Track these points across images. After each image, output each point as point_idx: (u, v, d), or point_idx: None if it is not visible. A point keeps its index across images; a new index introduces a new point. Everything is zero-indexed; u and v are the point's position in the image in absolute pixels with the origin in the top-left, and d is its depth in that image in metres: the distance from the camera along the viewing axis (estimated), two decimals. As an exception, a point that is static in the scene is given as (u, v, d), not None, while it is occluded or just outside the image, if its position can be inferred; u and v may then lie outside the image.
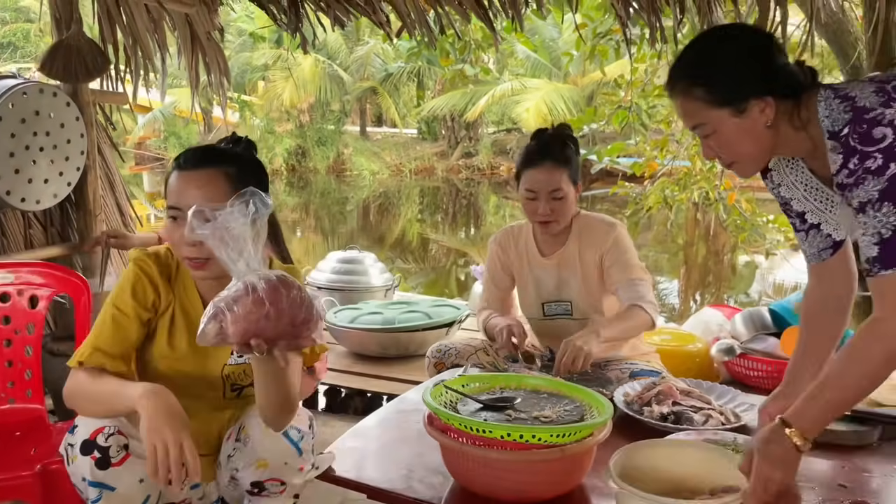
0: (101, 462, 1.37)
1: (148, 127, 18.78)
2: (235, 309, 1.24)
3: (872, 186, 1.26)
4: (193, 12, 3.19)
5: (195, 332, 1.55)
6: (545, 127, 2.35)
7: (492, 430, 1.42)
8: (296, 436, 1.49)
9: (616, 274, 2.23)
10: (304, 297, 1.31)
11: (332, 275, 3.85)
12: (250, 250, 1.28)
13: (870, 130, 1.27)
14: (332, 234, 12.19)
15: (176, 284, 1.58)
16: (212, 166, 1.48)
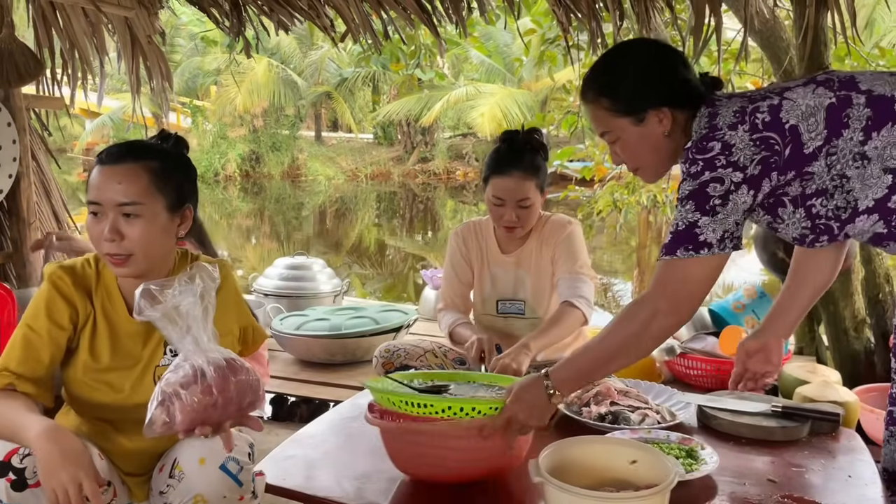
0: (17, 484, 1.32)
1: (97, 132, 18.37)
2: (184, 397, 1.25)
3: (687, 186, 1.41)
4: (133, 16, 3.12)
5: (119, 339, 1.53)
6: (516, 130, 2.33)
7: (432, 404, 1.45)
8: (234, 468, 1.44)
9: (562, 265, 2.27)
10: (250, 381, 1.33)
11: (280, 281, 3.81)
12: (199, 327, 1.29)
13: (706, 144, 1.40)
14: (288, 241, 12.06)
15: (97, 293, 1.54)
16: (133, 161, 1.46)
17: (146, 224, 1.45)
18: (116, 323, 1.53)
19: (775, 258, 2.60)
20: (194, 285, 1.28)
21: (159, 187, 1.47)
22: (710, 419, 1.81)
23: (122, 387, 1.53)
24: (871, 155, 1.40)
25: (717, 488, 1.50)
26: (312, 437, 1.79)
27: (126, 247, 1.44)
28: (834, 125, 1.40)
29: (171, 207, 1.50)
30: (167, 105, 3.47)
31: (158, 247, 1.50)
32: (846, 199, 1.43)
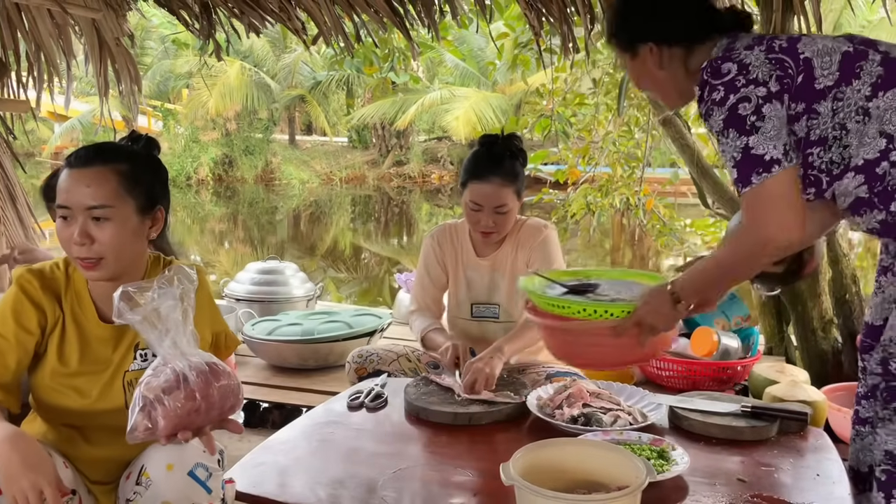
0: None
1: (66, 136, 18.09)
2: (166, 402, 1.23)
3: (718, 116, 1.43)
4: (100, 18, 3.08)
5: (88, 343, 1.51)
6: (495, 134, 2.33)
7: (570, 306, 1.66)
8: (203, 475, 1.42)
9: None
10: (232, 385, 1.33)
11: (252, 286, 3.78)
12: (180, 331, 1.28)
13: (720, 65, 1.44)
14: (262, 245, 11.97)
15: (66, 297, 1.51)
16: (102, 164, 1.44)
17: (116, 227, 1.44)
18: (86, 327, 1.51)
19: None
20: (173, 287, 1.26)
21: (129, 190, 1.45)
22: (681, 420, 1.82)
23: (90, 392, 1.51)
24: (872, 112, 1.41)
25: (687, 489, 1.51)
26: (284, 444, 1.77)
27: (96, 250, 1.42)
28: (846, 71, 1.43)
29: (142, 209, 1.48)
30: (136, 108, 3.43)
31: (129, 250, 1.48)
32: (841, 155, 1.45)
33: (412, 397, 1.95)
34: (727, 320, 2.81)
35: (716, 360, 2.62)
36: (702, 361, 2.62)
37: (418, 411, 1.91)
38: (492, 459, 1.64)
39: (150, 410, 1.24)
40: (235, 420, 1.38)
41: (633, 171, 5.53)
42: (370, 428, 1.88)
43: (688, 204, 8.01)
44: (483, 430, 1.84)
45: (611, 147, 5.54)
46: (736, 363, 2.61)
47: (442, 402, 1.93)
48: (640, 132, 5.30)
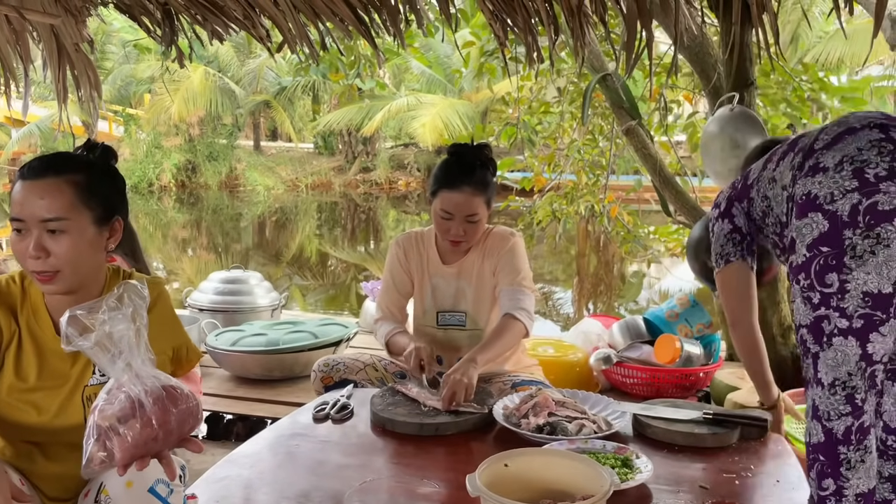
0: None
1: (23, 142, 17.69)
2: (122, 432, 1.20)
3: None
4: (59, 23, 3.02)
5: (45, 358, 1.48)
6: (465, 143, 2.33)
7: None
8: (164, 491, 1.39)
9: (503, 277, 2.27)
10: (190, 408, 1.29)
11: (215, 296, 3.73)
12: (133, 353, 1.24)
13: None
14: (226, 252, 11.83)
15: (23, 312, 1.48)
16: (57, 175, 1.41)
17: (72, 239, 1.41)
18: (43, 342, 1.48)
19: (705, 267, 2.67)
20: (123, 307, 1.23)
21: (84, 201, 1.42)
22: (645, 428, 1.84)
23: (48, 407, 1.47)
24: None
25: (651, 497, 1.53)
26: (249, 457, 1.75)
27: (52, 263, 1.39)
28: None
29: (99, 221, 1.45)
30: (96, 114, 3.37)
31: (87, 262, 1.45)
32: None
33: (378, 408, 1.95)
34: (690, 328, 2.86)
35: (679, 367, 2.66)
36: (665, 368, 2.66)
37: (384, 422, 1.90)
38: (459, 470, 1.64)
39: (104, 441, 1.20)
40: (195, 440, 1.35)
41: (598, 178, 5.60)
42: (336, 440, 1.87)
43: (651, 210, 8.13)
44: (450, 441, 1.84)
45: (576, 155, 5.59)
46: (698, 370, 2.65)
47: (408, 413, 1.93)
48: (605, 140, 5.37)
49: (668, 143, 4.34)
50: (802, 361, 1.58)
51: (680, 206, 3.25)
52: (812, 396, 1.52)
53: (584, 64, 3.08)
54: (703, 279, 2.82)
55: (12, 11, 2.67)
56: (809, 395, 1.53)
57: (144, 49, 9.60)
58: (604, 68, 3.42)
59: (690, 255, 2.81)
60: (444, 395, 1.95)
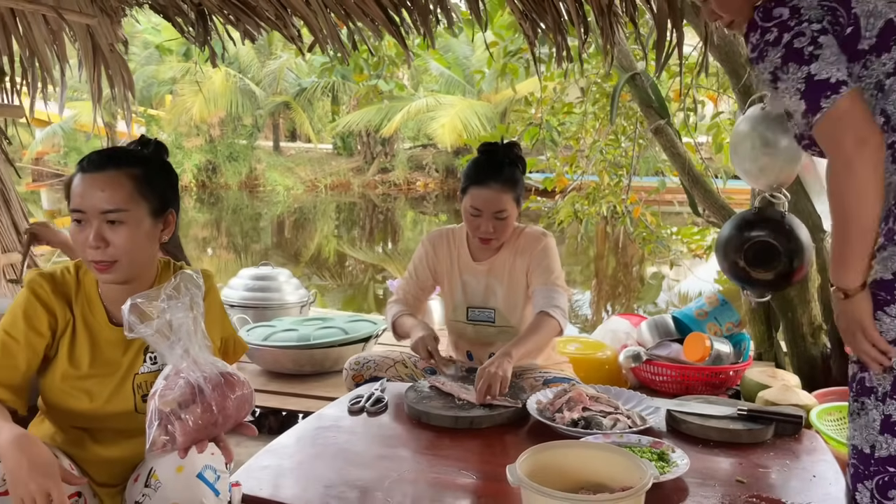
0: None
1: (46, 142, 17.93)
2: (184, 417, 1.24)
3: (775, 55, 1.42)
4: (95, 23, 3.08)
5: (98, 346, 1.52)
6: (495, 142, 2.35)
7: None
8: (211, 477, 1.43)
9: (536, 278, 2.29)
10: (246, 395, 1.33)
11: (245, 292, 3.78)
12: (191, 340, 1.28)
13: (772, 9, 1.44)
14: (246, 251, 11.92)
15: (77, 301, 1.52)
16: (116, 168, 1.46)
17: (130, 230, 1.45)
18: (96, 330, 1.52)
19: (735, 267, 2.67)
20: (181, 296, 1.27)
21: (142, 193, 1.47)
22: (679, 423, 1.85)
23: (100, 394, 1.51)
24: (885, 88, 1.42)
25: (688, 490, 1.54)
26: (287, 447, 1.78)
27: (111, 253, 1.44)
28: (882, 41, 1.42)
29: (155, 213, 1.50)
30: (129, 113, 3.43)
31: (143, 252, 1.49)
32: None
33: (413, 402, 1.97)
34: (719, 326, 2.86)
35: (708, 365, 2.66)
36: (695, 366, 2.66)
37: (419, 415, 1.93)
38: (494, 462, 1.67)
39: (166, 425, 1.24)
40: (249, 425, 1.39)
41: (620, 179, 5.59)
42: (372, 432, 1.89)
43: (672, 212, 8.09)
44: (484, 434, 1.86)
45: (598, 155, 5.59)
46: (728, 368, 2.65)
47: (443, 406, 1.95)
48: (627, 141, 5.36)
49: (693, 144, 4.34)
50: (872, 372, 1.48)
51: (709, 206, 3.25)
52: (888, 411, 1.44)
53: (612, 63, 3.09)
54: (732, 278, 2.83)
55: (51, 11, 2.74)
56: (883, 408, 1.45)
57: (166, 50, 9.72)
58: (632, 67, 3.43)
59: (720, 254, 2.81)
60: (478, 387, 1.98)
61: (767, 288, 2.57)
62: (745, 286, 2.61)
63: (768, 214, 2.50)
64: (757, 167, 2.46)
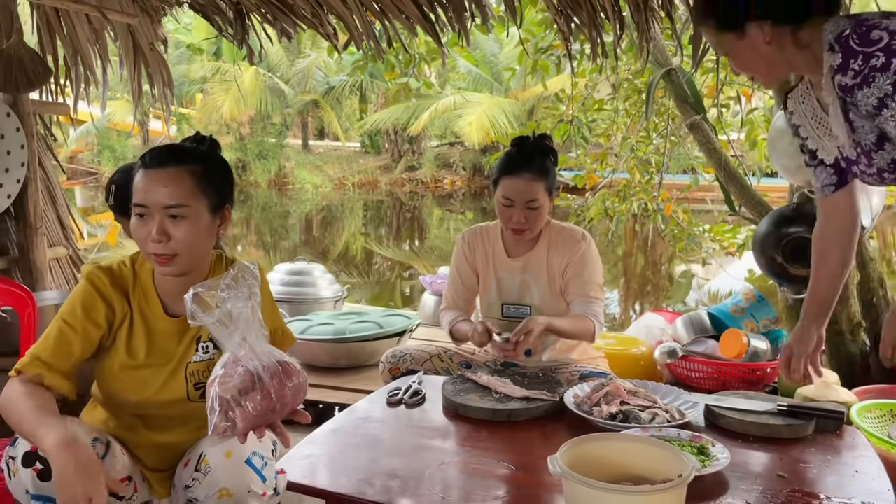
0: (44, 474, 1.34)
1: (81, 140, 18.25)
2: (244, 404, 1.28)
3: (884, 82, 1.41)
4: (136, 23, 3.15)
5: (154, 337, 1.57)
6: (526, 135, 2.36)
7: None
8: (259, 463, 1.47)
9: (574, 287, 2.29)
10: (302, 383, 1.38)
11: (281, 286, 3.83)
12: (250, 329, 1.32)
13: (868, 33, 1.44)
14: (275, 249, 12.04)
15: (135, 294, 1.57)
16: (178, 164, 1.50)
17: (191, 225, 1.49)
18: (152, 322, 1.57)
19: (773, 263, 2.66)
20: (239, 286, 1.31)
21: (202, 189, 1.51)
22: (718, 418, 1.84)
23: (154, 383, 1.56)
24: None
25: (728, 483, 1.53)
26: (329, 437, 1.81)
27: (172, 247, 1.48)
28: None
29: (213, 208, 1.54)
30: (169, 111, 3.49)
31: (202, 247, 1.54)
32: None
33: (451, 394, 1.99)
34: (756, 323, 2.84)
35: (745, 362, 2.65)
36: (731, 363, 2.65)
37: (457, 407, 1.94)
38: (532, 454, 1.68)
39: (227, 411, 1.28)
40: (303, 412, 1.43)
41: (652, 176, 5.55)
42: (410, 423, 1.92)
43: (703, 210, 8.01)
44: (522, 427, 1.87)
45: (629, 152, 5.56)
46: (765, 364, 2.63)
47: (480, 398, 1.97)
48: (659, 137, 5.32)
49: (726, 141, 4.30)
50: None
51: (745, 202, 3.23)
52: None
53: (647, 59, 3.08)
54: (770, 275, 2.82)
55: (94, 11, 2.81)
56: None
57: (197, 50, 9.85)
58: (668, 63, 3.42)
59: (757, 250, 2.80)
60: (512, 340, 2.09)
61: (805, 284, 2.54)
62: (783, 283, 2.59)
63: (807, 210, 2.48)
64: (795, 163, 2.44)
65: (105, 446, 1.46)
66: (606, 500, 1.29)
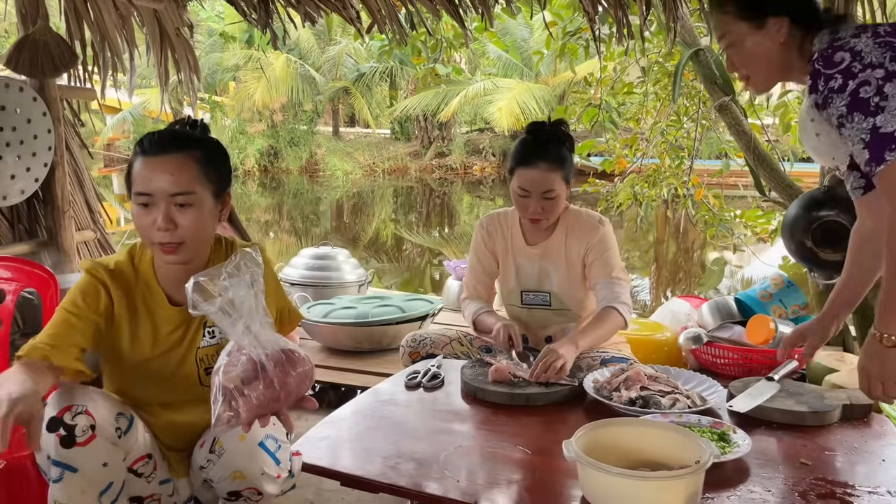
0: (66, 440, 1.35)
1: (117, 128, 18.54)
2: (247, 394, 1.28)
3: (840, 103, 1.45)
4: (162, 8, 3.17)
5: (159, 327, 1.56)
6: (542, 121, 2.31)
7: None
8: (273, 446, 1.47)
9: (597, 270, 2.26)
10: (307, 371, 1.37)
11: (306, 271, 3.86)
12: (253, 317, 1.31)
13: (832, 55, 1.46)
14: (306, 235, 12.13)
15: (137, 288, 1.56)
16: (180, 151, 1.48)
17: (197, 212, 1.48)
18: (157, 313, 1.56)
19: (803, 247, 2.60)
20: (242, 274, 1.29)
21: (206, 175, 1.50)
22: (742, 405, 1.80)
23: (165, 371, 1.57)
24: None
25: (749, 471, 1.51)
26: (347, 419, 1.82)
27: (179, 235, 1.47)
28: None
29: (216, 194, 1.53)
30: (195, 96, 3.52)
31: (207, 233, 1.54)
32: None
33: (469, 378, 1.98)
34: (784, 308, 2.78)
35: (772, 348, 2.59)
36: (758, 349, 2.59)
37: (475, 391, 1.94)
38: (549, 439, 1.67)
39: (230, 401, 1.27)
40: (310, 398, 1.42)
41: (682, 161, 5.46)
42: (428, 407, 1.92)
43: (735, 195, 7.88)
44: (540, 411, 1.86)
45: (658, 137, 5.47)
46: (793, 351, 2.57)
47: (499, 383, 1.96)
48: (690, 121, 5.22)
49: (759, 126, 4.20)
50: None
51: (775, 185, 3.15)
52: None
53: (675, 39, 3.01)
54: (799, 260, 2.75)
55: (120, -3, 2.83)
56: None
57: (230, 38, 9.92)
58: (696, 43, 3.34)
59: (787, 234, 2.73)
60: (535, 370, 1.97)
61: (836, 269, 2.47)
62: (813, 268, 2.53)
63: (838, 193, 2.41)
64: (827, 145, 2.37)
65: (128, 421, 1.47)
66: (620, 485, 1.27)
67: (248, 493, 1.47)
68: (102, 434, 1.38)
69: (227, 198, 1.58)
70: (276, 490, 1.48)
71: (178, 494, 1.61)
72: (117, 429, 1.42)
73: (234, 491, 1.48)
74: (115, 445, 1.41)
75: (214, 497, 1.57)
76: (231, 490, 1.48)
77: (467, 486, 1.45)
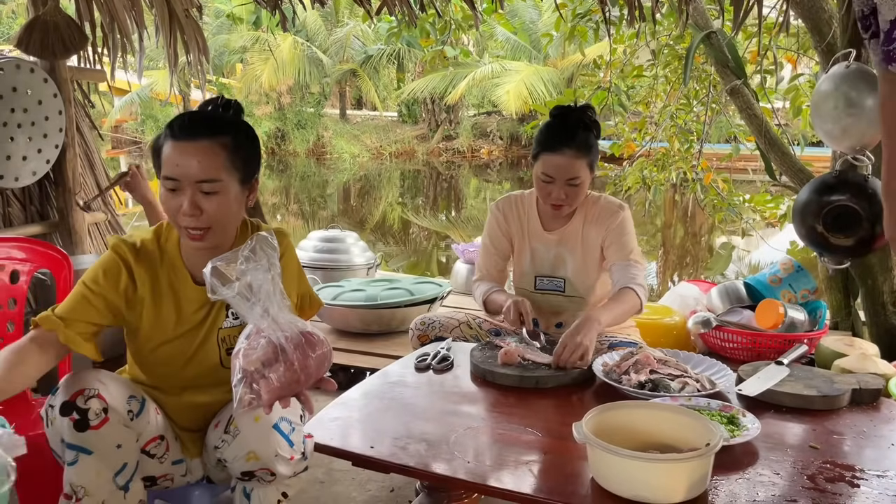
0: (80, 424, 1.36)
1: (125, 110, 18.56)
2: (268, 376, 1.29)
3: None
4: (171, -11, 3.15)
5: (184, 307, 1.57)
6: (569, 105, 2.26)
7: None
8: (287, 428, 1.47)
9: (614, 253, 2.25)
10: (326, 353, 1.38)
11: (315, 253, 3.87)
12: (271, 301, 1.32)
13: None
14: (313, 218, 12.14)
15: (163, 268, 1.57)
16: (210, 137, 1.47)
17: (223, 198, 1.48)
18: (181, 292, 1.57)
19: (813, 232, 2.58)
20: (258, 258, 1.30)
21: (233, 162, 1.49)
22: (750, 388, 1.81)
23: (187, 351, 1.58)
24: None
25: (758, 454, 1.51)
26: (357, 401, 1.83)
27: (205, 220, 1.47)
28: None
29: (243, 180, 1.53)
30: (203, 78, 3.51)
31: (233, 219, 1.54)
32: None
33: (478, 360, 1.99)
34: (794, 293, 2.78)
35: (782, 333, 2.59)
36: (767, 333, 2.59)
37: (485, 374, 1.95)
38: (559, 421, 1.68)
39: (251, 383, 1.29)
40: (329, 379, 1.44)
41: (691, 144, 5.43)
42: (437, 389, 1.93)
43: (744, 180, 7.83)
44: (549, 394, 1.86)
45: (668, 121, 5.44)
46: (802, 336, 2.57)
47: (508, 365, 1.96)
48: (700, 105, 5.19)
49: (770, 109, 4.17)
50: None
51: (786, 170, 3.13)
52: None
53: (687, 22, 2.99)
54: (809, 244, 2.73)
55: (130, -22, 2.81)
56: None
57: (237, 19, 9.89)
58: (708, 26, 3.30)
59: (797, 219, 2.71)
60: (561, 353, 1.94)
61: (847, 254, 2.47)
62: (823, 253, 2.52)
63: (850, 178, 2.39)
64: (839, 128, 2.35)
65: (140, 404, 1.49)
66: (629, 467, 1.28)
67: (261, 473, 1.48)
68: (115, 417, 1.40)
69: (255, 183, 1.58)
70: (288, 471, 1.49)
71: (191, 474, 1.63)
72: (129, 411, 1.44)
73: (247, 471, 1.49)
74: (127, 427, 1.43)
75: (227, 477, 1.59)
76: (245, 470, 1.49)
77: (476, 467, 1.46)
